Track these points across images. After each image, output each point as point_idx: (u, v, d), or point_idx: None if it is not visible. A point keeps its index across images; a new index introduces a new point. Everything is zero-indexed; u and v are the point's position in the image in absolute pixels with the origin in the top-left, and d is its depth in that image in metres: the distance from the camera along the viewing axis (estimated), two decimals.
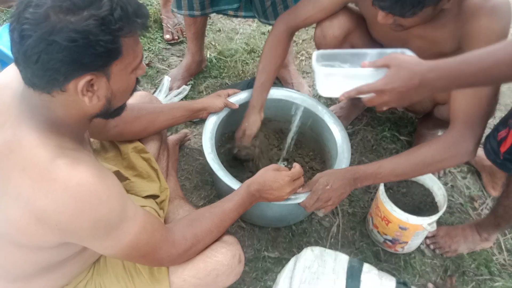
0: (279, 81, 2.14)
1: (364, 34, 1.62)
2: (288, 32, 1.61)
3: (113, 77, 0.88)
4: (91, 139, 1.31)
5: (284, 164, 1.72)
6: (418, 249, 1.64)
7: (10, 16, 0.82)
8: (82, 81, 0.83)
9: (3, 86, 0.95)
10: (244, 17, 1.97)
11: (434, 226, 1.48)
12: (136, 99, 1.48)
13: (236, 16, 1.97)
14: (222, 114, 1.61)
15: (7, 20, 2.39)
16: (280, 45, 1.62)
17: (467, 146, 1.28)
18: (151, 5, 2.57)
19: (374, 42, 1.64)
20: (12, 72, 0.96)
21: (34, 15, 0.78)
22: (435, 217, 1.46)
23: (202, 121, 1.60)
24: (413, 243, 1.57)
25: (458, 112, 1.28)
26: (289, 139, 1.66)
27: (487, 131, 1.33)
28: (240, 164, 1.69)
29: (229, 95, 1.65)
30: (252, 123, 1.61)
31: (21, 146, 0.86)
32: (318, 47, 1.70)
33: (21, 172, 0.85)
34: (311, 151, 1.81)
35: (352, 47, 1.65)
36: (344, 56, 1.28)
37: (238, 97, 1.66)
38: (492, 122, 1.91)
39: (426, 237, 1.64)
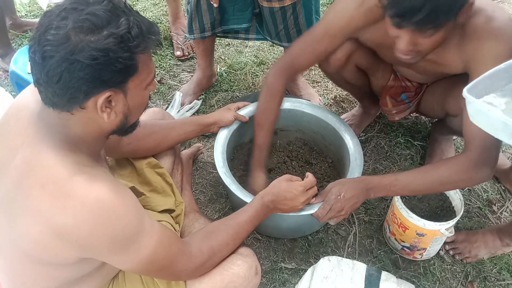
0: (289, 93, 2.15)
1: (367, 52, 1.60)
2: (286, 83, 1.56)
3: (129, 93, 0.91)
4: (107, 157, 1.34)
5: None
6: (437, 255, 1.62)
7: (31, 39, 0.85)
8: (101, 98, 0.86)
9: (21, 107, 0.98)
10: (256, 39, 1.98)
11: (452, 231, 1.46)
12: (149, 115, 1.51)
13: (248, 39, 1.99)
14: (233, 127, 1.62)
15: (22, 44, 2.45)
16: (276, 98, 1.56)
17: (485, 169, 1.28)
18: (160, 22, 2.61)
19: (378, 59, 1.63)
20: (28, 94, 1.00)
21: (56, 36, 0.81)
22: (452, 222, 1.44)
23: (215, 134, 1.61)
24: (432, 249, 1.55)
25: (475, 135, 1.26)
26: None
27: None
28: None
29: (238, 108, 1.66)
30: (260, 183, 1.59)
31: (40, 164, 0.89)
32: (322, 69, 1.71)
33: (40, 189, 0.87)
34: (323, 159, 1.81)
35: (356, 66, 1.65)
36: (492, 79, 1.03)
37: (248, 110, 1.67)
38: None
39: (445, 243, 1.61)
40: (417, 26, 1.18)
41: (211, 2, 1.73)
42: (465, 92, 0.99)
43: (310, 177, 1.32)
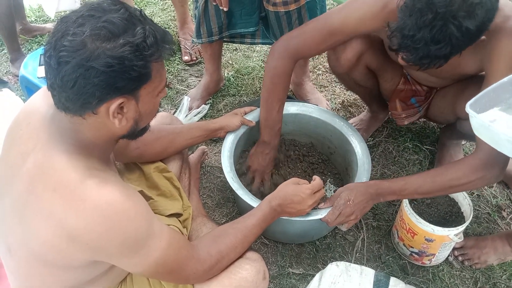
0: (296, 98, 2.15)
1: (377, 53, 1.60)
2: (293, 65, 1.51)
3: (141, 100, 0.92)
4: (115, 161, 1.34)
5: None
6: (446, 261, 1.60)
7: (46, 44, 0.86)
8: (114, 104, 0.87)
9: (32, 112, 0.99)
10: (262, 43, 1.99)
11: (461, 236, 1.45)
12: (157, 119, 1.51)
13: (254, 43, 2.00)
14: (240, 132, 1.63)
15: (32, 49, 2.48)
16: (287, 79, 1.52)
17: (494, 170, 1.27)
18: (168, 27, 2.63)
19: (389, 62, 1.63)
20: (39, 98, 1.01)
21: (72, 42, 0.82)
22: (461, 228, 1.43)
23: (222, 139, 1.62)
24: (441, 255, 1.53)
25: None
26: None
27: None
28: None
29: (245, 113, 1.67)
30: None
31: (52, 168, 0.90)
32: (332, 69, 1.70)
33: (52, 192, 0.88)
34: (330, 164, 1.80)
35: (367, 66, 1.65)
36: (495, 93, 1.05)
37: (255, 114, 1.67)
38: None
39: (454, 249, 1.60)
40: (413, 64, 1.19)
41: (221, 7, 1.74)
42: (467, 107, 1.02)
43: (317, 180, 1.32)
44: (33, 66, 1.99)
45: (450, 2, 1.07)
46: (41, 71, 1.94)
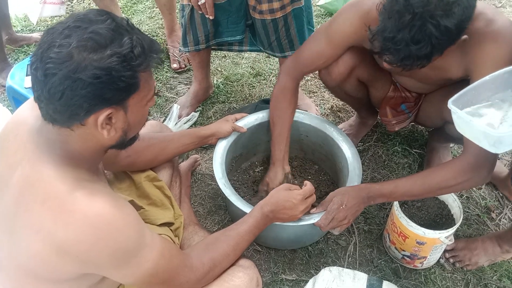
0: None
1: (368, 66, 1.62)
2: (294, 82, 1.61)
3: (130, 110, 0.91)
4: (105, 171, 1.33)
5: None
6: (438, 263, 1.61)
7: (32, 55, 0.85)
8: (102, 115, 0.87)
9: (20, 123, 0.98)
10: (250, 51, 2.00)
11: (452, 239, 1.46)
12: (147, 128, 1.50)
13: (242, 51, 2.01)
14: (231, 138, 1.62)
15: (18, 59, 2.46)
16: (288, 94, 1.61)
17: (482, 172, 1.28)
18: (156, 35, 2.63)
19: (379, 72, 1.64)
20: (27, 109, 1.00)
21: (59, 54, 0.81)
22: (452, 230, 1.44)
23: (212, 146, 1.62)
24: (432, 257, 1.54)
25: None
26: None
27: None
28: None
29: (236, 120, 1.67)
30: (274, 177, 1.63)
31: (41, 180, 0.88)
32: (324, 83, 1.72)
33: (41, 205, 0.87)
34: (321, 169, 1.81)
35: (358, 79, 1.66)
36: (477, 91, 1.08)
37: (246, 121, 1.68)
38: None
39: (445, 251, 1.61)
40: (396, 66, 1.21)
41: (207, 16, 1.74)
42: (449, 103, 1.04)
43: (308, 185, 1.33)
44: (20, 76, 1.97)
45: (427, 2, 1.09)
46: (28, 82, 1.92)
